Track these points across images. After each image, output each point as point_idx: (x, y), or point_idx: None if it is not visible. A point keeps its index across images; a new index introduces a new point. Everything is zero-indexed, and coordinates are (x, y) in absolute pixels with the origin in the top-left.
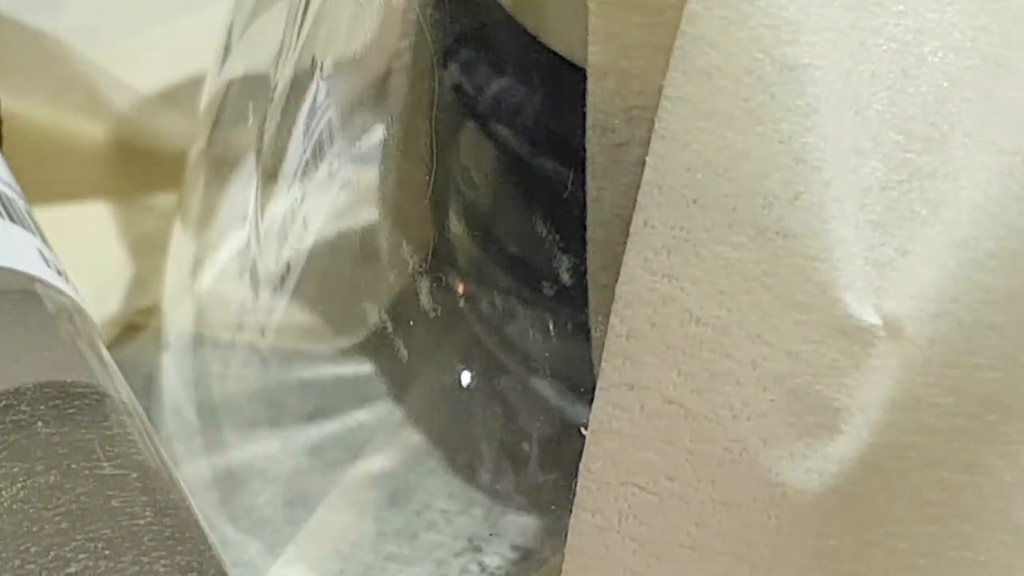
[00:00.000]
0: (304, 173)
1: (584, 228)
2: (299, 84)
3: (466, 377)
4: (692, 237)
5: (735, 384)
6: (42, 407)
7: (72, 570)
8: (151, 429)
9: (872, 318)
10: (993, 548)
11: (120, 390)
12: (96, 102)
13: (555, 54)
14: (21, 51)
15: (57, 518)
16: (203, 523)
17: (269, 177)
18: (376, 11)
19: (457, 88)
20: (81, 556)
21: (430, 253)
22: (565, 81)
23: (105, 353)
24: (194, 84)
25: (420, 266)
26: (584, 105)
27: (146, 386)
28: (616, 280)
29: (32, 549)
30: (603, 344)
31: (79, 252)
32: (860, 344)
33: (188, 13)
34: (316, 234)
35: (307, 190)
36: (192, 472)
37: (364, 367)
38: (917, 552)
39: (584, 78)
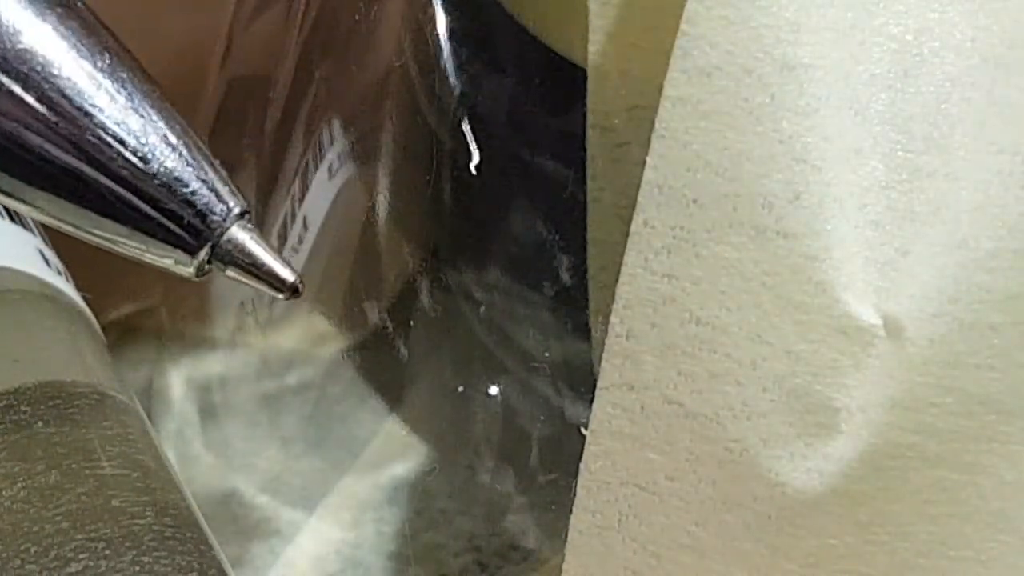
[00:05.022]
0: (304, 173)
1: (584, 228)
2: (299, 84)
3: (466, 377)
4: (692, 237)
5: (735, 384)
6: (42, 407)
7: (72, 570)
8: (151, 429)
9: (872, 318)
10: (993, 548)
11: (120, 390)
12: None
13: (555, 54)
14: None
15: (57, 518)
16: (203, 523)
17: (269, 177)
18: (376, 11)
19: (457, 88)
20: (81, 556)
21: (430, 253)
22: (565, 81)
23: (105, 353)
24: (195, 83)
25: (420, 266)
26: (584, 105)
27: (146, 386)
28: (616, 280)
29: (32, 549)
30: (603, 344)
31: (79, 252)
32: (860, 344)
33: (189, 12)
34: (316, 234)
35: (307, 190)
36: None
37: (364, 367)
38: (917, 552)
39: (584, 78)
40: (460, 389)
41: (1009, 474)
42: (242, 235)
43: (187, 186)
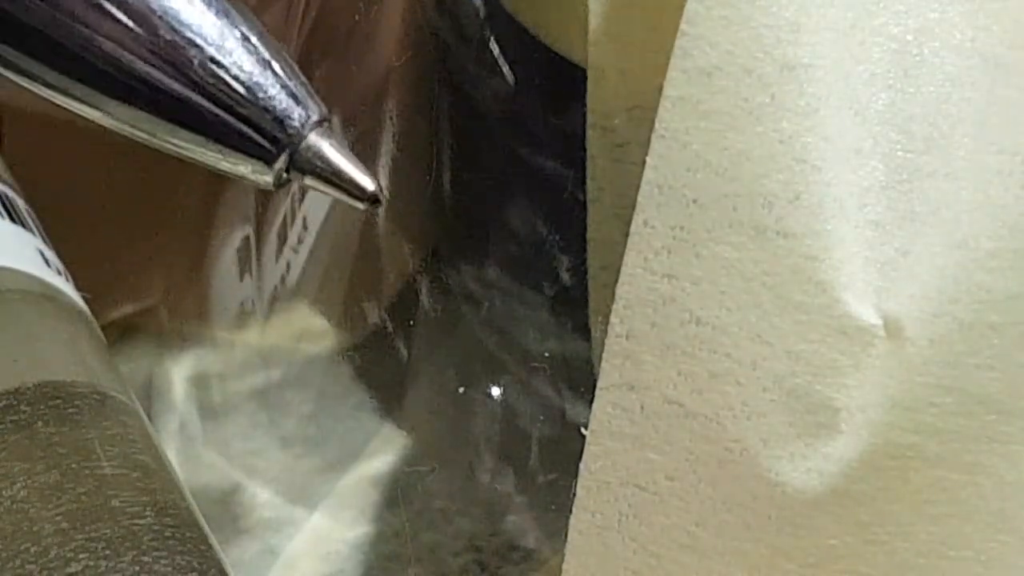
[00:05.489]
0: None
1: (584, 228)
2: None
3: (466, 377)
4: (692, 237)
5: (735, 384)
6: (42, 407)
7: (72, 570)
8: (151, 429)
9: (872, 318)
10: (993, 548)
11: (120, 390)
12: None
13: (555, 54)
14: None
15: (57, 518)
16: (203, 523)
17: None
18: (376, 11)
19: (457, 88)
20: (81, 556)
21: (430, 253)
22: (565, 81)
23: (105, 353)
24: None
25: (420, 266)
26: (584, 105)
27: (146, 386)
28: (616, 280)
29: (32, 549)
30: (603, 344)
31: (79, 252)
32: (860, 344)
33: None
34: (316, 234)
35: (307, 190)
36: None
37: (364, 367)
38: (917, 552)
39: (584, 78)
40: (460, 389)
41: (1009, 474)
42: (321, 142)
43: (265, 92)
